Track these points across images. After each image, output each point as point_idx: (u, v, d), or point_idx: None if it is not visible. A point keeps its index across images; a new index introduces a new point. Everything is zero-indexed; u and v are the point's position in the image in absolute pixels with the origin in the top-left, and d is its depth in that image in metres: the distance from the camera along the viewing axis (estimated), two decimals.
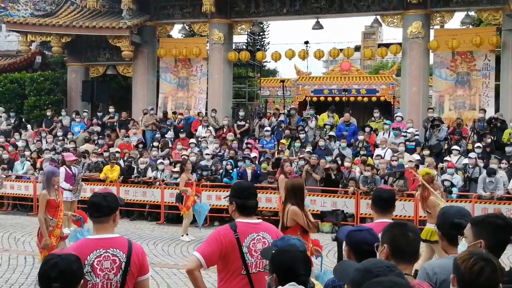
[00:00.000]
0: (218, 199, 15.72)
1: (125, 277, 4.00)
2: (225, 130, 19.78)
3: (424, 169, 11.78)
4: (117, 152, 18.30)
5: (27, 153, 19.00)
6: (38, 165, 18.04)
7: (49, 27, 21.86)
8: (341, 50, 22.45)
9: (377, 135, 17.94)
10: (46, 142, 20.18)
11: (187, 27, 22.87)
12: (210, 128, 19.64)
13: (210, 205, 14.53)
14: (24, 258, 11.12)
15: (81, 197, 14.25)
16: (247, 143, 18.19)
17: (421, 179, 9.54)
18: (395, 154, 16.10)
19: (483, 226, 3.42)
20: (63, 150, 18.68)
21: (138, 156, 17.74)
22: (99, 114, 22.50)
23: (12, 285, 9.14)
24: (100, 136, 20.32)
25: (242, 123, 20.35)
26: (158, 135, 19.96)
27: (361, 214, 14.54)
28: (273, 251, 3.41)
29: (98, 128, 21.17)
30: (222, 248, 4.29)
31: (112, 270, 3.95)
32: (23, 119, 23.00)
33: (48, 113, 22.25)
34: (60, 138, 20.12)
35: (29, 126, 22.08)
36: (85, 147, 18.92)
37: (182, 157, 16.66)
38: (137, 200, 16.87)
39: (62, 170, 13.91)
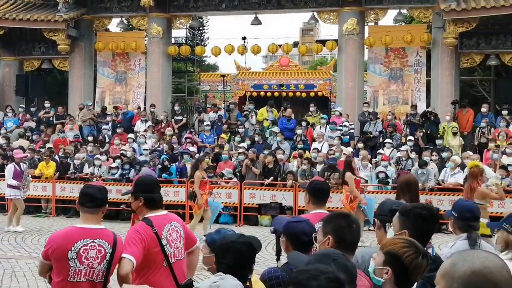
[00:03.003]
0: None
1: (109, 266, 4.19)
2: (163, 125, 19.67)
3: (472, 161, 11.87)
4: (50, 148, 17.83)
5: None
6: None
7: None
8: (280, 45, 22.68)
9: (314, 129, 18.28)
10: None
11: (125, 21, 22.58)
12: (149, 123, 19.48)
13: None
14: None
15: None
16: (186, 138, 18.16)
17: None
18: (332, 148, 16.43)
19: (409, 217, 3.58)
20: None
21: (74, 151, 17.43)
22: (33, 109, 21.84)
23: None
24: (35, 132, 19.79)
25: (180, 117, 20.29)
26: (94, 131, 19.63)
27: (299, 206, 14.73)
28: (221, 240, 3.46)
29: (32, 124, 20.61)
30: (145, 246, 4.32)
31: (97, 260, 4.12)
32: None
33: None
34: None
35: None
36: (19, 143, 18.37)
37: (197, 156, 15.88)
38: (74, 197, 16.57)
39: (11, 167, 13.76)
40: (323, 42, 24.04)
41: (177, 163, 16.59)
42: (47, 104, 21.33)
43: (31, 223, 15.10)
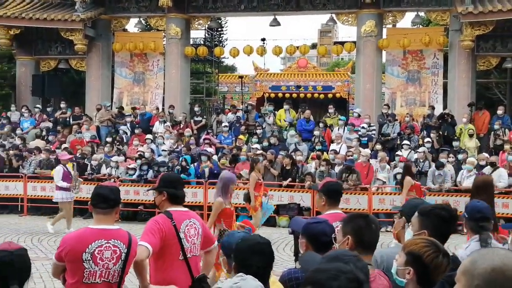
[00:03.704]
0: None
1: (124, 267, 4.18)
2: (182, 126, 19.70)
3: None
4: (67, 148, 17.83)
5: None
6: None
7: None
8: (298, 47, 22.68)
9: (332, 130, 18.26)
10: None
11: (143, 21, 22.64)
12: (167, 123, 19.51)
13: None
14: None
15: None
16: (204, 139, 18.18)
17: None
18: (350, 149, 16.44)
19: (429, 217, 3.57)
20: (13, 147, 18.31)
21: (91, 152, 17.49)
22: (49, 109, 21.78)
23: None
24: (51, 132, 19.84)
25: (199, 118, 20.32)
26: (113, 131, 19.67)
27: (317, 207, 14.69)
28: (238, 240, 3.42)
29: (49, 124, 20.63)
30: (163, 236, 4.48)
31: (112, 260, 4.11)
32: None
33: None
34: (10, 134, 19.52)
35: None
36: (36, 143, 18.50)
37: (253, 157, 15.26)
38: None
39: (60, 169, 13.75)
40: (341, 44, 23.97)
41: (195, 164, 16.59)
42: (63, 105, 21.31)
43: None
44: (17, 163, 17.41)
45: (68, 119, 20.95)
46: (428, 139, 16.89)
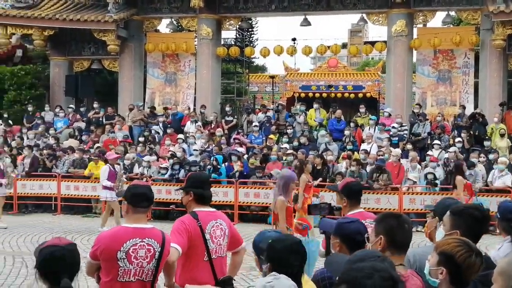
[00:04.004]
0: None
1: (158, 265, 4.19)
2: (213, 125, 19.84)
3: None
4: (99, 148, 18.10)
5: (6, 149, 18.20)
6: (18, 162, 17.65)
7: (31, 20, 21.34)
8: (328, 47, 22.66)
9: (363, 130, 18.22)
10: (27, 138, 19.78)
11: (175, 22, 22.84)
12: (199, 123, 19.68)
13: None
14: (4, 258, 10.84)
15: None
16: (234, 139, 18.29)
17: None
18: (381, 149, 16.39)
19: (461, 217, 3.55)
20: (46, 147, 18.64)
21: (124, 152, 17.71)
22: (82, 109, 22.07)
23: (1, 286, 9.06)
24: (84, 132, 20.12)
25: (230, 118, 20.44)
26: (146, 131, 19.85)
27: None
28: (269, 241, 3.40)
29: (82, 124, 20.91)
30: (190, 237, 4.48)
31: (146, 259, 4.11)
32: (4, 115, 22.50)
33: (29, 108, 21.93)
34: (44, 133, 19.85)
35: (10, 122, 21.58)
36: (69, 143, 18.79)
37: (300, 159, 15.17)
38: (123, 197, 16.75)
39: (106, 168, 13.99)
40: (372, 43, 23.91)
41: (226, 163, 16.71)
42: (96, 105, 21.60)
43: (81, 223, 15.43)
44: (50, 163, 17.72)
45: (101, 119, 21.22)
46: (459, 138, 16.76)
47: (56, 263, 3.15)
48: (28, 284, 2.90)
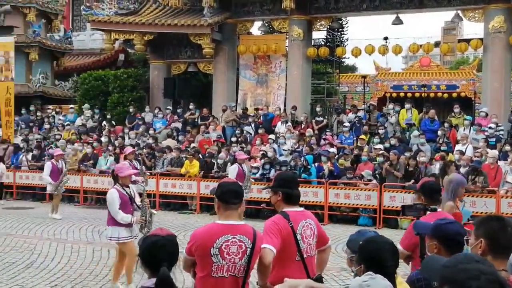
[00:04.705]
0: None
1: (249, 262, 4.26)
2: (303, 126, 19.98)
3: None
4: (195, 147, 18.73)
5: (110, 148, 19.32)
6: (121, 160, 18.36)
7: (132, 25, 22.48)
8: (420, 45, 22.23)
9: (457, 131, 17.73)
10: (129, 138, 20.67)
11: (266, 24, 23.15)
12: (289, 123, 19.86)
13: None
14: (108, 250, 11.31)
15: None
16: (324, 139, 18.33)
17: None
18: (477, 150, 15.88)
19: None
20: (146, 146, 19.41)
21: (218, 151, 18.16)
22: (179, 110, 22.87)
23: (96, 276, 9.50)
24: (181, 132, 20.83)
25: (320, 119, 20.50)
26: (238, 131, 20.22)
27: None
28: (361, 242, 3.40)
29: (179, 125, 21.69)
30: (282, 237, 4.51)
31: (238, 255, 4.19)
32: (107, 116, 23.62)
33: (131, 109, 22.87)
34: (144, 133, 20.70)
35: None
36: (167, 143, 19.48)
37: (447, 161, 15.14)
38: (213, 194, 17.13)
39: (235, 167, 14.95)
40: (467, 41, 23.20)
41: (316, 163, 16.79)
42: (192, 106, 22.32)
43: (177, 219, 15.92)
44: (149, 162, 18.44)
45: (196, 120, 21.87)
46: None
47: (157, 251, 3.34)
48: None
